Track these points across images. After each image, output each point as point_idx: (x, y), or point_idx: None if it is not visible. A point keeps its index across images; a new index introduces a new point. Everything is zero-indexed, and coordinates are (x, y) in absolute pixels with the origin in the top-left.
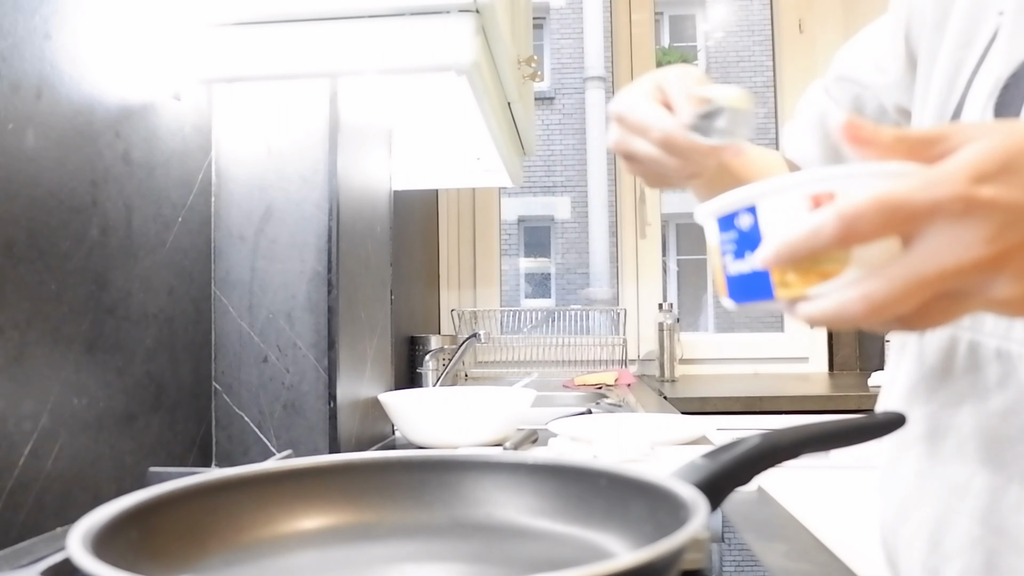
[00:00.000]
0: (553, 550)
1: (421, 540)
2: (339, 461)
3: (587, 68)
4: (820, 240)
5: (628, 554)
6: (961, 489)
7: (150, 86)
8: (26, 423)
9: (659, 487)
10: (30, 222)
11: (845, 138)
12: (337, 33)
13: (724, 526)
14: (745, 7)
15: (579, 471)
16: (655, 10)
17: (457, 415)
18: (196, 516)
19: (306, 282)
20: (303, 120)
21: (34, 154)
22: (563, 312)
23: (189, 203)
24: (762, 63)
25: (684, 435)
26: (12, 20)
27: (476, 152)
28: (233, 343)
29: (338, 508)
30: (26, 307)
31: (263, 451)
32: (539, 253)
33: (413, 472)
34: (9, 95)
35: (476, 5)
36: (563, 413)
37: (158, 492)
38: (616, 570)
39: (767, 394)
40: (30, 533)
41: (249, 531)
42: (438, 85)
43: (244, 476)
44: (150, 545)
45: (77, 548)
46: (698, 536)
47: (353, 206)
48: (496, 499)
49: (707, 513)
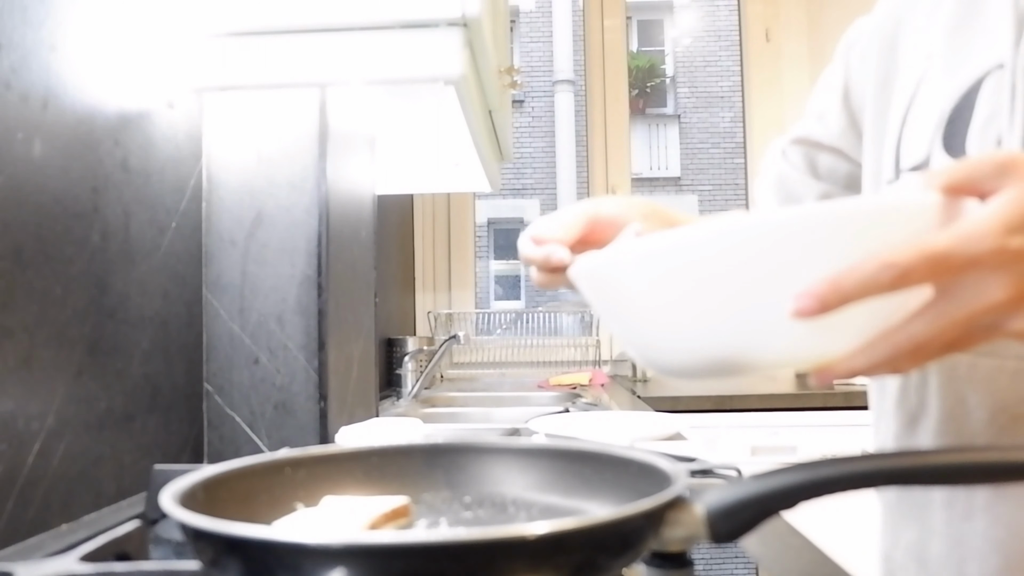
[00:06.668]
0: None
1: (440, 511)
2: (371, 448)
3: (556, 72)
4: (875, 287)
5: (601, 510)
6: (930, 504)
7: (146, 95)
8: (34, 423)
9: (646, 463)
10: (37, 228)
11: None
12: (328, 45)
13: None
14: (712, 13)
15: (577, 453)
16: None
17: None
18: (250, 488)
19: (296, 285)
20: (293, 128)
21: (41, 162)
22: (533, 314)
23: (182, 208)
24: (729, 68)
25: (660, 432)
26: (21, 33)
27: (456, 158)
28: (224, 345)
29: (368, 486)
30: (34, 311)
31: (254, 451)
32: (509, 255)
33: (433, 456)
34: (18, 105)
35: (464, 19)
36: (541, 412)
37: (222, 468)
38: (589, 524)
39: (737, 392)
40: (38, 530)
41: (292, 502)
42: (424, 94)
43: (291, 458)
44: (211, 508)
45: (168, 502)
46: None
47: (340, 211)
48: (504, 478)
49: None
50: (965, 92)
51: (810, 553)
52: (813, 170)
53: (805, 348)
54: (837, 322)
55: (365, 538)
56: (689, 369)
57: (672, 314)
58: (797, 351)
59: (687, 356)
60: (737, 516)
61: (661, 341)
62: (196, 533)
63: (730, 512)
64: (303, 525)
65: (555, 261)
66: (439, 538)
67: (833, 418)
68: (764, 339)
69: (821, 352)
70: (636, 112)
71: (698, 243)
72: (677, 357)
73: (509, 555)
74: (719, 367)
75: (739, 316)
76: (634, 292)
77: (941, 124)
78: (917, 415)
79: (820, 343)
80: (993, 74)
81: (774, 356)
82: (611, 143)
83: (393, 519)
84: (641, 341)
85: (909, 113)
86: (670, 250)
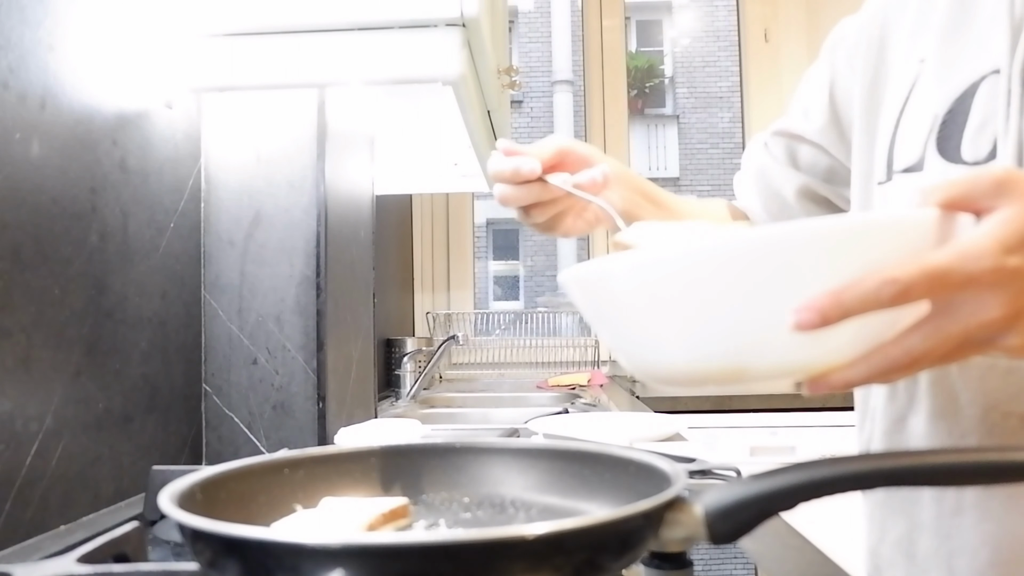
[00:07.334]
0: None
1: (440, 511)
2: (369, 449)
3: (555, 72)
4: (876, 302)
5: (600, 511)
6: (919, 499)
7: (144, 95)
8: (32, 424)
9: (645, 464)
10: (35, 228)
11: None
12: (327, 45)
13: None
14: (711, 13)
15: (576, 454)
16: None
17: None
18: (249, 489)
19: (295, 286)
20: (292, 128)
21: (39, 162)
22: (532, 314)
23: (180, 209)
24: (728, 68)
25: (659, 432)
26: (19, 33)
27: (454, 158)
28: (223, 346)
29: (367, 487)
30: (32, 311)
31: (253, 451)
32: (508, 256)
33: (432, 457)
34: (16, 106)
35: (463, 20)
36: (539, 413)
37: (220, 469)
38: (588, 524)
39: (736, 393)
40: (36, 531)
41: (291, 503)
42: (423, 94)
43: (290, 459)
44: (210, 509)
45: (166, 503)
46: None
47: (339, 211)
48: (503, 479)
49: (684, 486)
50: (960, 96)
51: (809, 553)
52: (793, 161)
53: (799, 359)
54: (831, 334)
55: (364, 539)
56: (680, 379)
57: (665, 326)
58: (791, 362)
59: (679, 366)
60: (736, 516)
61: (653, 352)
62: (194, 534)
63: (729, 512)
64: (302, 526)
65: (525, 172)
66: (438, 539)
67: (832, 418)
68: (757, 350)
69: (814, 363)
70: (635, 112)
71: (694, 256)
72: (669, 367)
73: (508, 556)
74: (710, 378)
75: (733, 328)
76: (626, 303)
77: (935, 127)
78: (906, 414)
79: (814, 354)
80: (989, 79)
81: (767, 367)
82: (610, 143)
83: (392, 520)
84: (633, 350)
85: (903, 115)
86: (665, 261)
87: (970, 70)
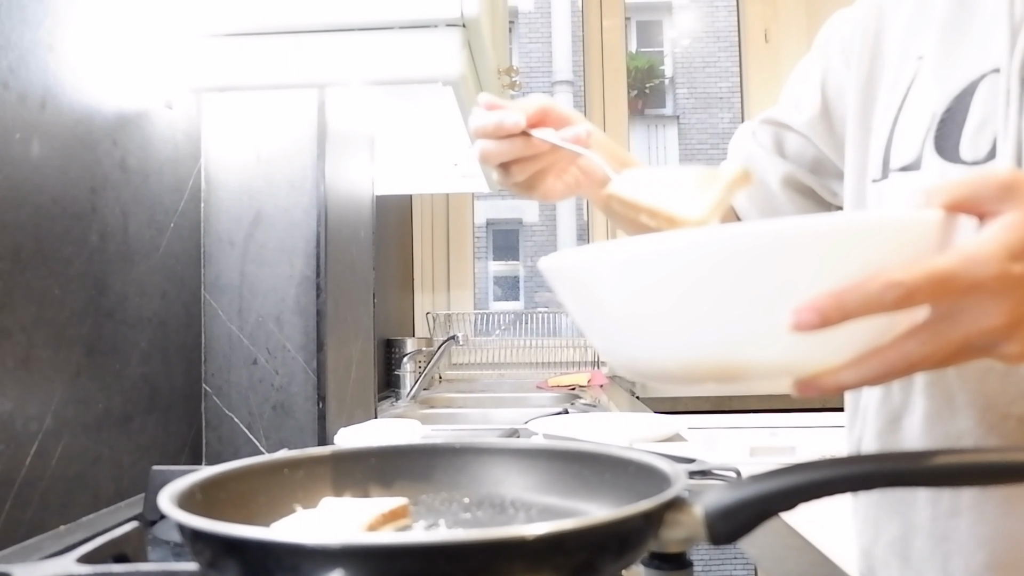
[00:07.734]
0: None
1: (440, 512)
2: (369, 449)
3: (555, 72)
4: (879, 305)
5: (600, 511)
6: (914, 501)
7: (144, 95)
8: (32, 424)
9: (645, 464)
10: (35, 228)
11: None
12: (327, 45)
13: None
14: (711, 14)
15: (576, 454)
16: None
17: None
18: (249, 489)
19: (295, 286)
20: (292, 128)
21: (39, 162)
22: (532, 315)
23: (180, 209)
24: (728, 69)
25: (659, 433)
26: (19, 33)
27: (454, 158)
28: (223, 346)
29: (367, 487)
30: (32, 311)
31: (253, 452)
32: (508, 256)
33: (432, 457)
34: (16, 106)
35: (463, 20)
36: (540, 413)
37: (220, 469)
38: (588, 525)
39: (736, 393)
40: (36, 531)
41: (291, 503)
42: (423, 94)
43: (290, 459)
44: (209, 509)
45: (166, 503)
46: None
47: (339, 212)
48: (503, 479)
49: (684, 486)
50: (959, 95)
51: (809, 554)
52: (780, 149)
53: (793, 359)
54: (826, 335)
55: (363, 539)
56: (668, 377)
57: (656, 323)
58: (785, 362)
59: (668, 365)
60: (736, 517)
61: (641, 349)
62: (194, 534)
63: (729, 513)
64: (301, 526)
65: (509, 125)
66: (438, 539)
67: (832, 419)
68: (751, 349)
69: (807, 364)
70: (635, 113)
71: (688, 251)
72: (657, 365)
73: (508, 556)
74: (699, 376)
75: (726, 326)
76: (615, 299)
77: (933, 126)
78: (900, 414)
79: (809, 355)
80: (988, 78)
81: (760, 367)
82: None
83: (392, 520)
84: (620, 348)
85: (900, 113)
86: (657, 256)
87: (969, 69)
